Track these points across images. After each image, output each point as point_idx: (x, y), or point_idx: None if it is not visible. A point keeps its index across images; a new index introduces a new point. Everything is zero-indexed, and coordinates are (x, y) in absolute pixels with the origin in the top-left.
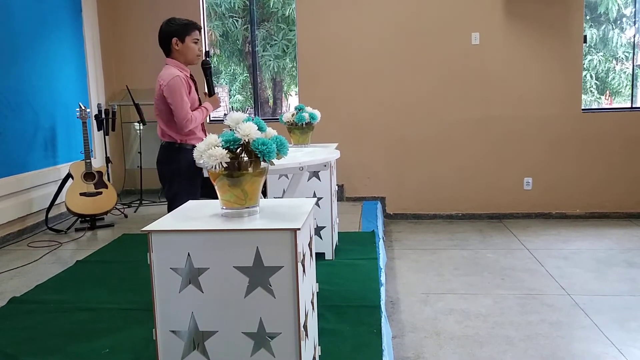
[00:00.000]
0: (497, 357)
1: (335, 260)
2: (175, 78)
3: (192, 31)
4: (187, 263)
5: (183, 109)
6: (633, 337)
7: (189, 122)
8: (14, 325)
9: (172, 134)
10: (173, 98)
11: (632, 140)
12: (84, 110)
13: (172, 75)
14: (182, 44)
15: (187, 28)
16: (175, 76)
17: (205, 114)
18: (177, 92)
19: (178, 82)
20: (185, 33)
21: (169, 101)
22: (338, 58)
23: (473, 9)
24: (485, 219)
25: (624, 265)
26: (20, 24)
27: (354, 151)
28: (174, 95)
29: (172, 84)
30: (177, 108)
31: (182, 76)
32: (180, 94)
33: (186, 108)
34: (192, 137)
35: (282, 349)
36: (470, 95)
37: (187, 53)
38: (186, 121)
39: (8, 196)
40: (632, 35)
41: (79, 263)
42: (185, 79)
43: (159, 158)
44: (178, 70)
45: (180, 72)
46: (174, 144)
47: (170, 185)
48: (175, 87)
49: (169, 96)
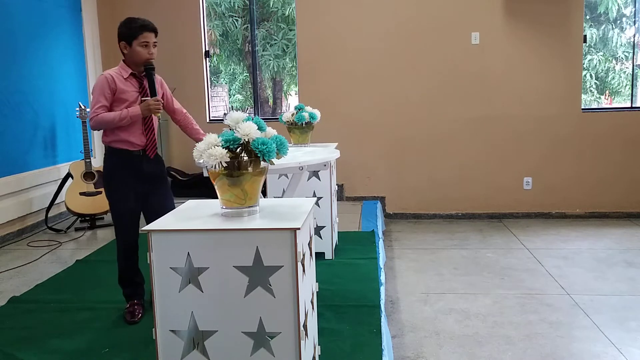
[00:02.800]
0: (497, 356)
1: (335, 260)
2: (101, 76)
3: (139, 34)
4: (187, 262)
5: (93, 107)
6: (633, 337)
7: (93, 120)
8: (13, 324)
9: (104, 135)
10: (93, 95)
11: (632, 140)
12: (84, 109)
13: (103, 74)
14: (129, 47)
15: (134, 31)
16: (103, 75)
17: (124, 118)
18: (96, 89)
19: (101, 80)
20: (132, 37)
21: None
22: (338, 58)
23: (473, 9)
24: (485, 218)
25: (623, 265)
26: (19, 23)
27: (354, 151)
28: (93, 91)
29: (97, 81)
30: (90, 105)
31: (114, 75)
32: (97, 92)
33: (95, 106)
34: (116, 140)
35: (281, 349)
36: (470, 94)
37: (134, 56)
38: (91, 119)
39: (8, 196)
40: (631, 35)
41: (79, 262)
42: (114, 79)
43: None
44: (118, 70)
45: (120, 71)
46: (106, 145)
47: (104, 185)
48: (97, 84)
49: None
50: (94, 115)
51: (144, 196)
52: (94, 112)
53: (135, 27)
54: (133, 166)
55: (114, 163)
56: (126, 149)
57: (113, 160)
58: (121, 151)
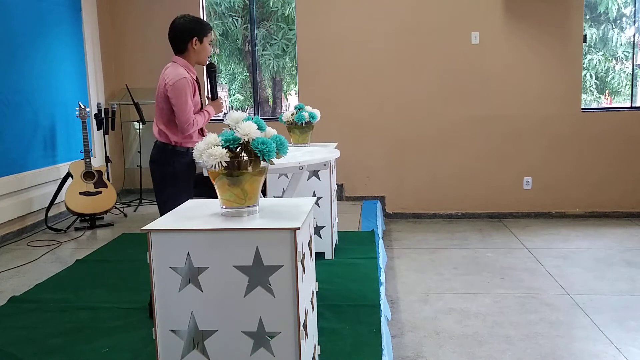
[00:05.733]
0: (497, 356)
1: (335, 260)
2: (182, 79)
3: (209, 32)
4: (187, 262)
5: (186, 112)
6: (632, 337)
7: (191, 125)
8: (13, 324)
9: (170, 134)
10: (177, 99)
11: (631, 139)
12: (84, 109)
13: (180, 76)
14: (200, 44)
15: (206, 28)
16: (183, 77)
17: (207, 118)
18: (182, 94)
19: (184, 83)
20: (204, 33)
21: (173, 102)
22: (338, 57)
23: (473, 9)
24: (484, 218)
25: (623, 264)
26: (19, 22)
27: (354, 150)
28: (178, 97)
29: (178, 85)
30: (180, 111)
31: (189, 78)
32: (185, 96)
33: (189, 111)
34: (188, 140)
35: (281, 348)
36: (470, 94)
37: (201, 54)
38: (188, 125)
39: (8, 195)
40: (631, 35)
41: (79, 262)
42: (192, 80)
43: (153, 158)
44: (185, 71)
45: (188, 73)
46: (168, 145)
47: (162, 187)
48: (181, 89)
49: (173, 97)
50: (191, 119)
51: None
52: (190, 116)
53: (207, 25)
54: (194, 164)
55: (183, 163)
56: (190, 148)
57: (182, 160)
58: (187, 150)
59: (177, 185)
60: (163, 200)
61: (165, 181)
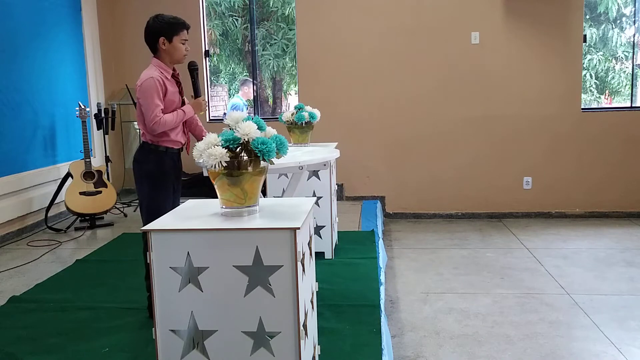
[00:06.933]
0: (497, 356)
1: (335, 260)
2: (149, 80)
3: (180, 31)
4: (187, 262)
5: (151, 112)
6: (632, 336)
7: (157, 124)
8: (13, 324)
9: (147, 134)
10: (143, 100)
11: (631, 139)
12: (84, 109)
13: (147, 77)
14: (169, 43)
15: (175, 27)
16: (150, 77)
17: (181, 117)
18: (147, 93)
19: (151, 83)
20: (173, 33)
21: (140, 102)
22: (338, 57)
23: (473, 9)
24: (484, 218)
25: (623, 264)
26: (19, 22)
27: (354, 150)
28: (144, 96)
29: (144, 85)
30: (146, 110)
31: (158, 77)
32: (150, 96)
33: (155, 110)
34: (165, 139)
35: (281, 348)
36: (470, 94)
37: (173, 53)
38: (153, 123)
39: (8, 195)
40: (631, 35)
41: (79, 262)
42: (162, 80)
43: (135, 157)
44: (158, 71)
45: (161, 72)
46: (148, 144)
47: (140, 185)
48: (147, 89)
49: (140, 97)
50: (157, 119)
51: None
52: (155, 116)
53: (176, 24)
54: (174, 164)
55: (159, 161)
56: (170, 147)
57: (158, 159)
58: (166, 150)
59: (154, 184)
60: (140, 200)
61: (142, 180)
